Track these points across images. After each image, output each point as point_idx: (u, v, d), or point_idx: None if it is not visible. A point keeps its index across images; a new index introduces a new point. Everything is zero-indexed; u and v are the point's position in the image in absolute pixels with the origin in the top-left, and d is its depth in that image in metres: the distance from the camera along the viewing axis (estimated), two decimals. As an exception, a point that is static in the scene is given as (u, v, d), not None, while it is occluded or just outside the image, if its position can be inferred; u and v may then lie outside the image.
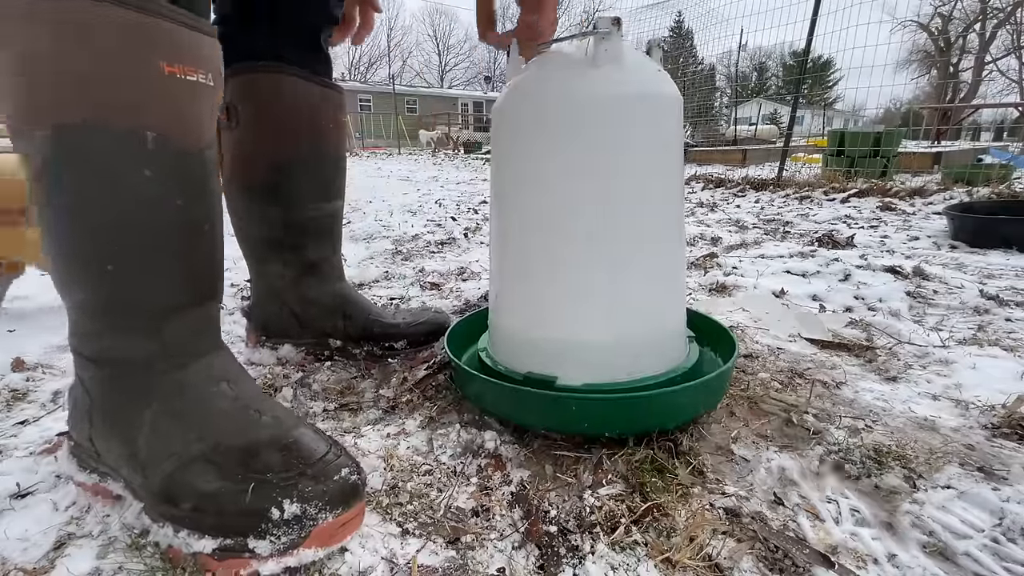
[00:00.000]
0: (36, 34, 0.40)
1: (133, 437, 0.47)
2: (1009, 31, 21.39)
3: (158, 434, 0.47)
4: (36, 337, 0.93)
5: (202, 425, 0.47)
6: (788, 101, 4.84)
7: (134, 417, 0.48)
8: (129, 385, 0.49)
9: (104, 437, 0.49)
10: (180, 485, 0.45)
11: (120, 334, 0.48)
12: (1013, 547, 0.46)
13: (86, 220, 0.44)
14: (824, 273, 1.35)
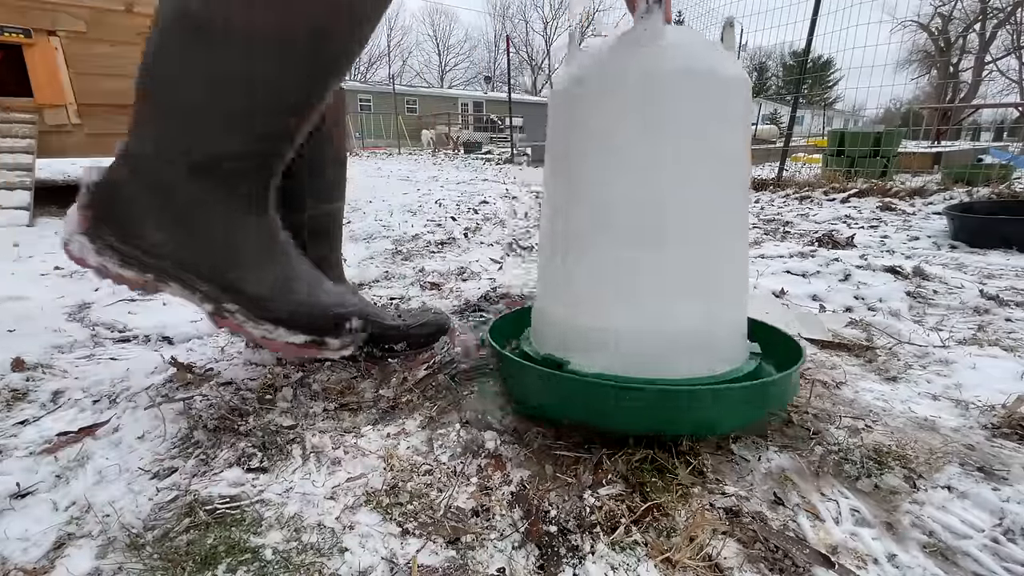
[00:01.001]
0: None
1: (227, 257, 0.60)
2: (1009, 31, 21.39)
3: (256, 260, 0.61)
4: (36, 337, 0.93)
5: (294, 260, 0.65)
6: (788, 101, 4.84)
7: (239, 227, 0.60)
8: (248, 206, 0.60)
9: (189, 248, 0.59)
10: (277, 300, 0.62)
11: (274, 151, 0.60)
12: (1013, 547, 0.46)
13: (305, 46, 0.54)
14: (824, 273, 1.35)
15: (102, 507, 0.52)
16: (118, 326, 1.01)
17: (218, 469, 0.58)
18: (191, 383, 0.77)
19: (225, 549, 0.47)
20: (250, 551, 0.46)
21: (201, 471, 0.57)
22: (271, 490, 0.55)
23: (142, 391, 0.76)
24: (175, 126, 0.56)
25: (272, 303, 0.61)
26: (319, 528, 0.50)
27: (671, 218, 0.58)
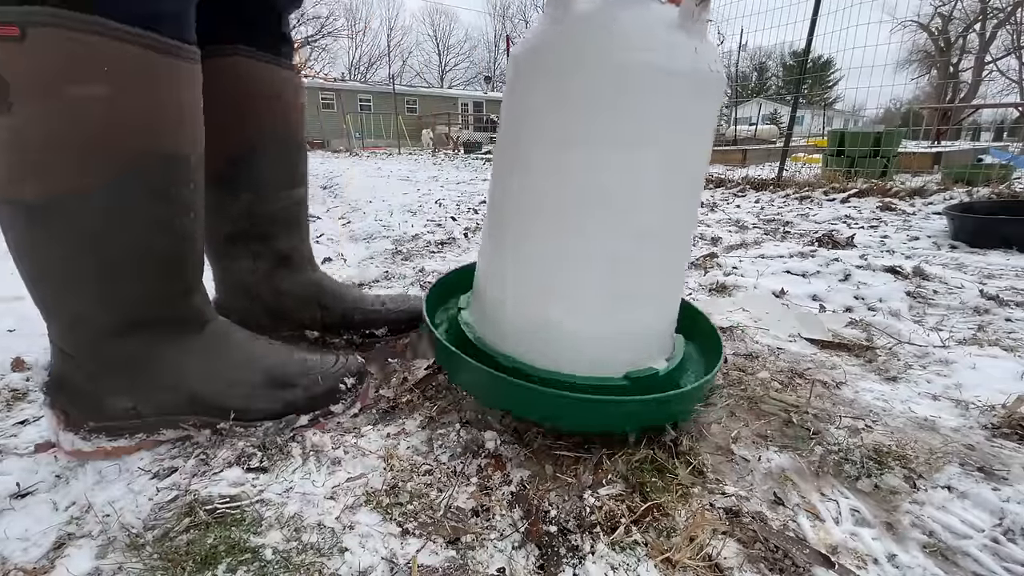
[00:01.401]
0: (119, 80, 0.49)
1: (194, 389, 0.61)
2: (1009, 31, 21.39)
3: (216, 378, 0.62)
4: (36, 337, 0.93)
5: (251, 358, 0.65)
6: (788, 101, 4.84)
7: (183, 374, 0.61)
8: (174, 352, 0.61)
9: (155, 398, 0.60)
10: (267, 399, 0.63)
11: (155, 315, 0.59)
12: (1013, 547, 0.46)
13: (142, 228, 0.54)
14: (824, 273, 1.35)
15: (102, 507, 0.52)
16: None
17: (218, 469, 0.58)
18: (191, 383, 0.77)
19: (225, 549, 0.47)
20: (250, 551, 0.46)
21: (201, 471, 0.57)
22: (271, 490, 0.55)
23: (142, 391, 0.75)
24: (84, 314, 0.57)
25: (264, 402, 0.63)
26: (319, 528, 0.50)
27: (622, 217, 0.57)
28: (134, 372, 0.59)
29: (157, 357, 0.60)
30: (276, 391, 0.64)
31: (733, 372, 0.80)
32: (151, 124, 0.52)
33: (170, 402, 0.61)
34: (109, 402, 0.59)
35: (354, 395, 0.68)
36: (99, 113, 0.49)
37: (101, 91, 0.48)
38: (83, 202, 0.51)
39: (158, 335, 0.60)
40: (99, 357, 0.58)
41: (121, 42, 0.48)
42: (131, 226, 0.54)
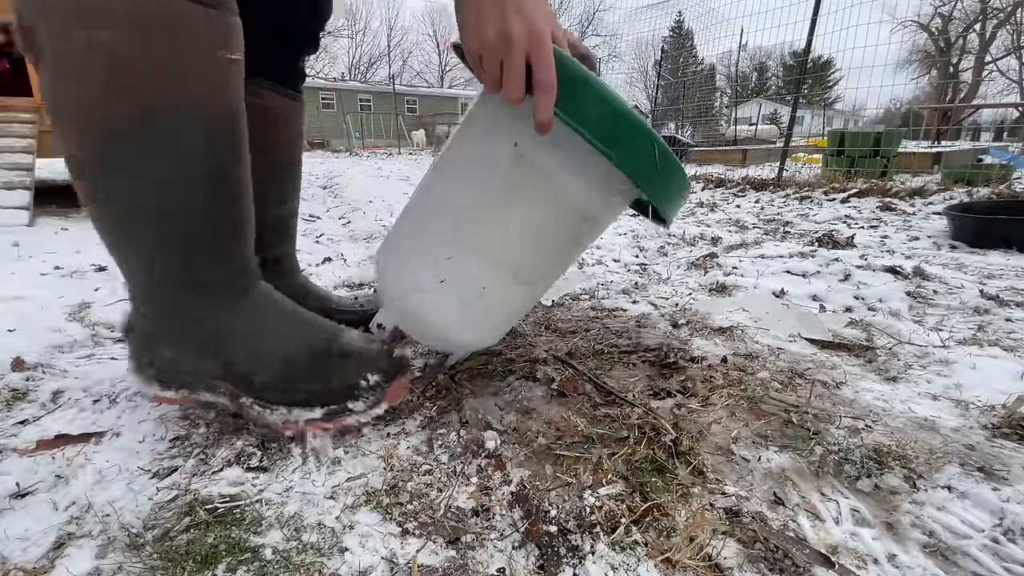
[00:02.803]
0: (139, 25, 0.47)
1: (223, 354, 0.60)
2: (1009, 31, 21.39)
3: (245, 351, 0.60)
4: (36, 337, 0.93)
5: (279, 337, 0.61)
6: (788, 101, 4.85)
7: (219, 340, 0.60)
8: (210, 315, 0.59)
9: (193, 358, 0.60)
10: (285, 381, 0.59)
11: (191, 276, 0.58)
12: (1013, 547, 0.46)
13: (165, 184, 0.53)
14: (824, 273, 1.35)
15: (102, 507, 0.52)
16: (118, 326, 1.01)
17: (218, 468, 0.58)
18: (191, 383, 0.77)
19: (225, 548, 0.47)
20: (250, 550, 0.46)
21: (201, 470, 0.57)
22: (271, 489, 0.55)
23: (142, 391, 0.76)
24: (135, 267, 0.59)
25: (281, 386, 0.60)
26: (319, 528, 0.50)
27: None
28: (177, 325, 0.60)
29: (196, 315, 0.60)
30: (295, 373, 0.60)
31: (733, 372, 0.80)
32: (173, 68, 0.50)
33: (207, 364, 0.61)
34: (157, 350, 0.61)
35: (379, 393, 0.61)
36: (117, 59, 0.48)
37: (118, 35, 0.47)
38: (110, 155, 0.51)
39: (199, 293, 0.59)
40: (149, 303, 0.60)
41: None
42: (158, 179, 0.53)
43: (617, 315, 1.07)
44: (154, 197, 0.53)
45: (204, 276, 0.59)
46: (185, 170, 0.53)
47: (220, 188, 0.57)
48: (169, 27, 0.48)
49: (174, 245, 0.56)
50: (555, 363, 0.83)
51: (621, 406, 0.70)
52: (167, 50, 0.49)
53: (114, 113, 0.50)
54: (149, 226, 0.55)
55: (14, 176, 2.26)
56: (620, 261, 1.57)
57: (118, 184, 0.53)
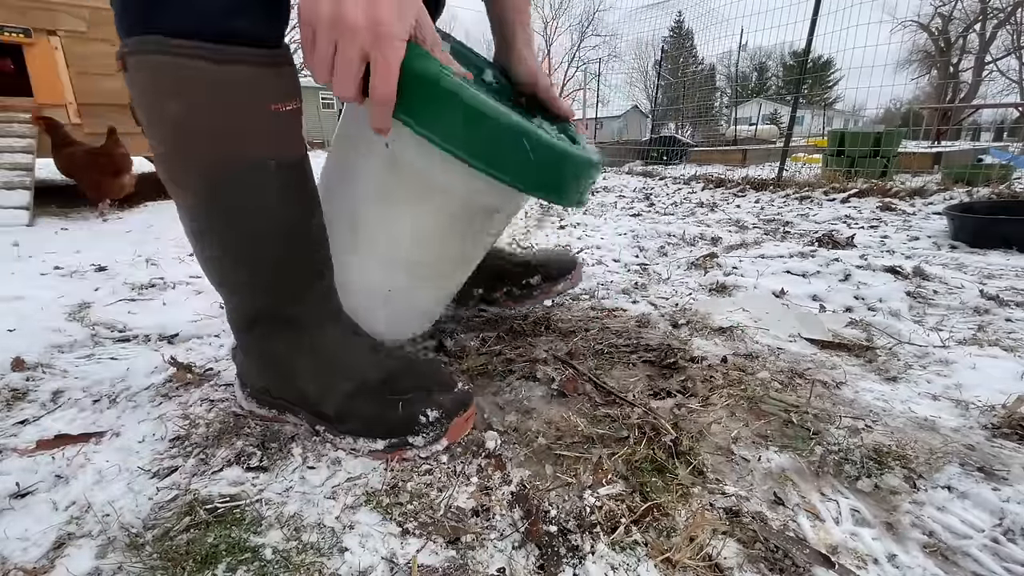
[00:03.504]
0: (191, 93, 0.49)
1: (300, 386, 0.63)
2: (1009, 31, 21.39)
3: (318, 382, 0.62)
4: (36, 337, 0.93)
5: (350, 369, 0.63)
6: (788, 101, 4.84)
7: (297, 372, 0.63)
8: (287, 349, 0.63)
9: (278, 386, 0.64)
10: (350, 411, 0.61)
11: (271, 314, 0.62)
12: (1013, 547, 0.46)
13: (238, 235, 0.57)
14: (824, 273, 1.35)
15: (102, 507, 0.52)
16: (118, 326, 1.01)
17: (218, 468, 0.58)
18: (191, 383, 0.77)
19: (225, 548, 0.47)
20: (250, 550, 0.46)
21: (201, 470, 0.57)
22: (271, 489, 0.55)
23: (142, 391, 0.76)
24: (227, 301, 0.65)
25: (346, 415, 0.61)
26: (319, 527, 0.50)
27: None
28: (262, 359, 0.64)
29: (276, 352, 0.63)
30: (360, 406, 0.61)
31: (733, 372, 0.80)
32: (229, 130, 0.52)
33: (291, 393, 0.64)
34: (251, 373, 0.66)
35: (439, 429, 0.60)
36: (183, 128, 0.51)
37: (179, 107, 0.50)
38: (192, 209, 0.56)
39: (279, 331, 0.63)
40: (239, 339, 0.66)
41: (184, 58, 0.48)
42: (231, 231, 0.56)
43: (617, 315, 1.07)
44: (234, 247, 0.57)
45: (285, 313, 0.62)
46: (258, 221, 0.56)
47: (293, 234, 0.59)
48: (218, 91, 0.50)
49: (258, 287, 0.60)
50: (555, 363, 0.83)
51: (621, 406, 0.70)
52: (221, 114, 0.51)
53: (188, 177, 0.54)
54: (235, 271, 0.60)
55: (14, 176, 2.26)
56: (620, 261, 1.57)
57: (207, 237, 0.58)
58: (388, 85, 0.46)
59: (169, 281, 1.32)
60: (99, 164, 2.40)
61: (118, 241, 1.87)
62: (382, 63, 0.45)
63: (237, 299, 0.62)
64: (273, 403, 0.66)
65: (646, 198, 3.34)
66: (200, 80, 0.48)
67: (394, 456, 0.59)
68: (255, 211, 0.55)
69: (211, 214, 0.56)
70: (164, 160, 0.55)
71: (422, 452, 0.60)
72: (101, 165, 2.40)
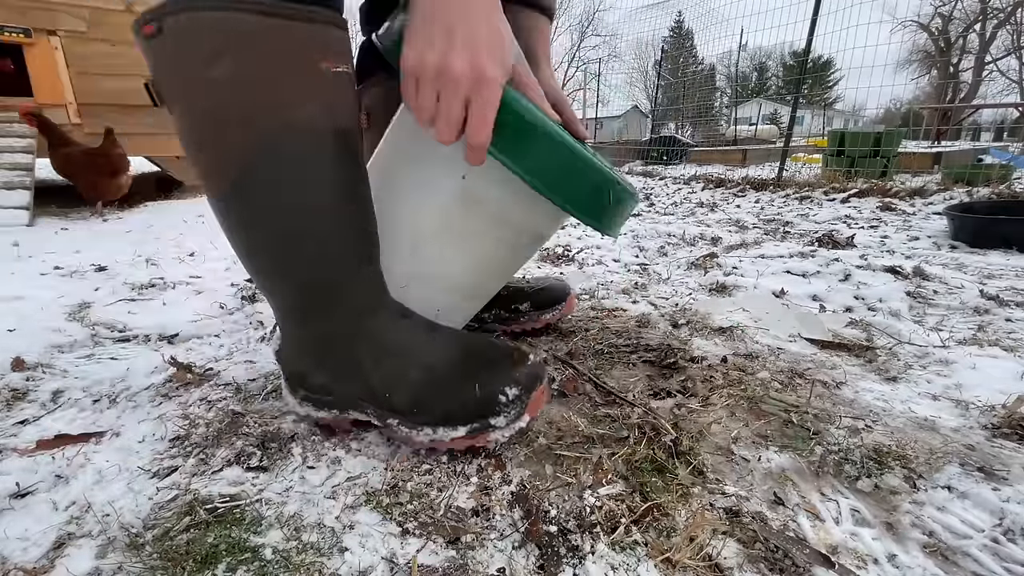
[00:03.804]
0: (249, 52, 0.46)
1: (364, 377, 0.58)
2: (1009, 31, 21.39)
3: (383, 372, 0.58)
4: (36, 337, 0.93)
5: (413, 355, 0.59)
6: (788, 101, 4.84)
7: (358, 362, 0.59)
8: (343, 338, 0.59)
9: (340, 381, 0.60)
10: (425, 400, 0.57)
11: (323, 300, 0.57)
12: (1013, 547, 0.46)
13: (287, 210, 0.52)
14: (824, 273, 1.35)
15: (102, 507, 0.52)
16: (118, 326, 1.01)
17: (218, 468, 0.58)
18: (191, 383, 0.77)
19: (225, 548, 0.47)
20: (250, 550, 0.46)
21: (201, 470, 0.57)
22: (271, 489, 0.55)
23: (142, 391, 0.76)
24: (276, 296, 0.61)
25: (422, 405, 0.57)
26: (319, 527, 0.50)
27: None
28: (321, 353, 0.60)
29: (335, 340, 0.60)
30: (434, 394, 0.57)
31: (733, 372, 0.80)
32: (282, 94, 0.48)
33: (351, 387, 0.60)
34: (309, 374, 0.61)
35: (519, 407, 0.57)
36: (229, 93, 0.47)
37: (227, 69, 0.46)
38: (237, 188, 0.51)
39: (335, 317, 0.59)
40: (292, 336, 0.62)
41: (241, 12, 0.45)
42: (280, 206, 0.52)
43: (617, 315, 1.07)
44: (281, 226, 0.53)
45: (337, 300, 0.58)
46: (301, 194, 0.52)
47: (338, 211, 0.55)
48: (273, 48, 0.47)
49: (309, 272, 0.56)
50: (555, 363, 0.83)
51: (621, 406, 0.70)
52: (277, 73, 0.48)
53: (232, 152, 0.50)
54: (283, 257, 0.55)
55: (14, 176, 2.26)
56: (620, 261, 1.57)
57: (252, 221, 0.54)
58: (485, 130, 0.48)
59: (169, 281, 1.32)
60: (96, 164, 2.40)
61: (118, 241, 1.87)
62: (479, 109, 0.47)
63: (289, 285, 0.58)
64: (335, 403, 0.61)
65: (646, 198, 3.34)
66: (250, 35, 0.46)
67: (478, 440, 0.57)
68: (305, 181, 0.52)
69: (262, 187, 0.51)
70: (207, 135, 0.50)
71: (506, 432, 0.57)
72: (98, 165, 2.40)
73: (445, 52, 0.45)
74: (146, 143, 3.02)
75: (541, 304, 0.95)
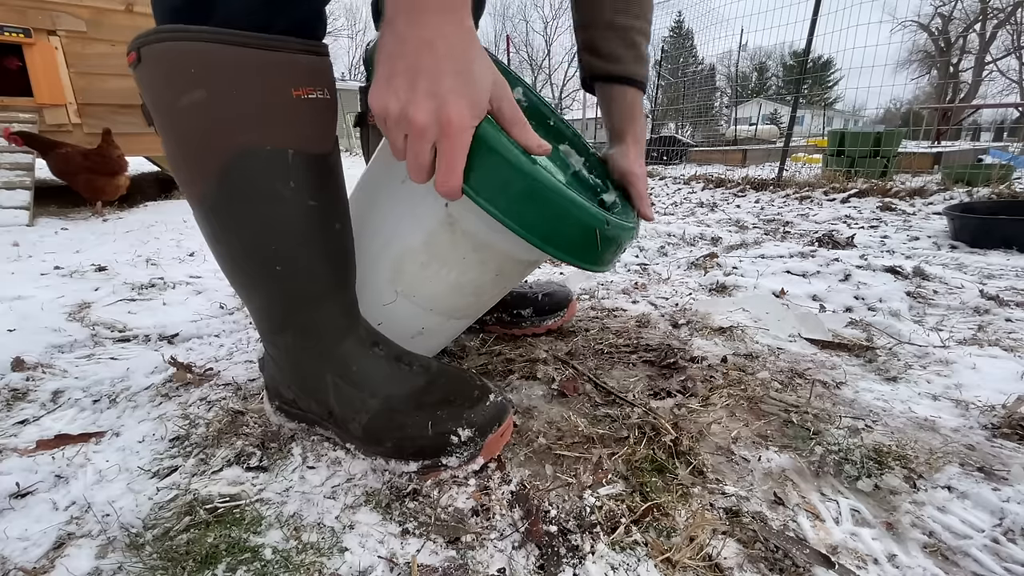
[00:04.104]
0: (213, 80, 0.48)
1: (325, 400, 0.60)
2: (1009, 31, 21.40)
3: (342, 398, 0.59)
4: (36, 337, 0.93)
5: (373, 385, 0.59)
6: (788, 101, 4.84)
7: (321, 385, 0.60)
8: (309, 359, 0.60)
9: (305, 399, 0.62)
10: (376, 431, 0.57)
11: (291, 320, 0.58)
12: (1013, 547, 0.46)
13: (253, 230, 0.53)
14: (824, 273, 1.35)
15: (102, 507, 0.52)
16: (118, 326, 1.01)
17: (218, 468, 0.58)
18: (191, 383, 0.77)
19: (225, 548, 0.47)
20: (250, 550, 0.46)
21: (201, 470, 0.57)
22: (271, 489, 0.55)
23: (142, 391, 0.76)
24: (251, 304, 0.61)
25: (373, 436, 0.58)
26: (319, 527, 0.50)
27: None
28: (290, 369, 0.61)
29: (300, 362, 0.60)
30: (386, 427, 0.57)
31: (733, 372, 0.80)
32: (244, 120, 0.49)
33: (317, 407, 0.61)
34: (282, 389, 0.64)
35: (473, 448, 0.56)
36: (197, 120, 0.49)
37: (197, 97, 0.48)
38: (208, 205, 0.53)
39: (299, 340, 0.59)
40: (267, 346, 0.64)
41: (207, 43, 0.47)
42: (246, 225, 0.53)
43: (617, 315, 1.07)
44: (247, 244, 0.54)
45: (304, 322, 0.58)
46: (266, 216, 0.53)
47: (306, 235, 0.55)
48: (236, 76, 0.48)
49: (277, 291, 0.57)
50: (555, 363, 0.83)
51: (621, 406, 0.70)
52: (239, 99, 0.48)
53: (205, 169, 0.51)
54: (254, 271, 0.56)
55: (14, 176, 2.26)
56: (620, 261, 1.57)
57: (222, 236, 0.55)
58: (453, 177, 0.46)
59: (169, 281, 1.32)
60: (94, 165, 2.40)
61: (118, 241, 1.87)
62: (446, 156, 0.45)
63: (259, 301, 0.58)
64: (304, 416, 0.63)
65: (646, 198, 3.33)
66: (220, 66, 0.47)
67: (427, 477, 0.56)
68: (270, 202, 0.52)
69: (228, 206, 0.52)
70: (180, 157, 0.52)
71: (458, 472, 0.57)
72: (96, 166, 2.40)
73: (407, 102, 0.43)
74: (146, 143, 3.02)
75: (543, 310, 0.95)
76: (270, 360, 0.64)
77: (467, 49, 0.44)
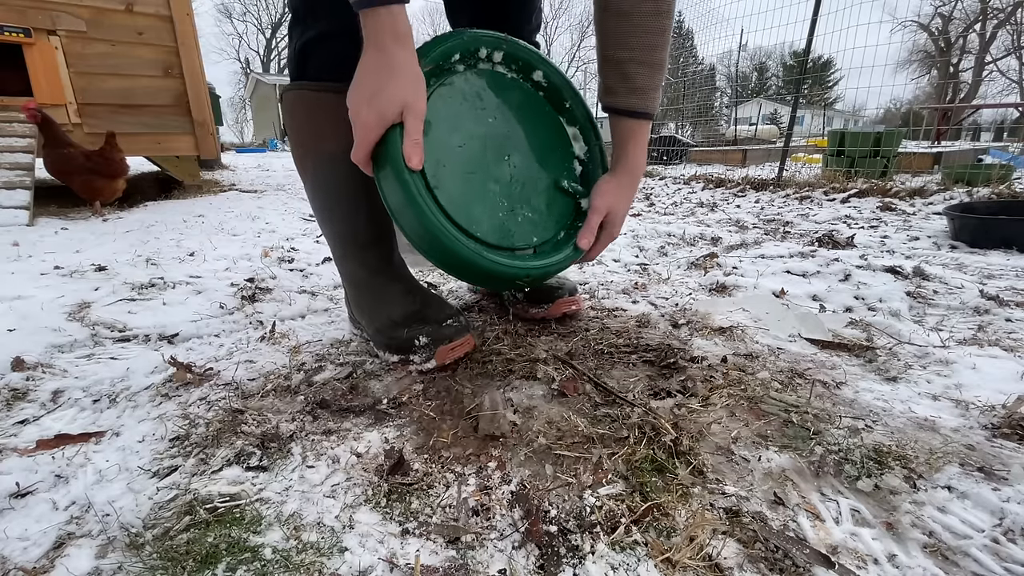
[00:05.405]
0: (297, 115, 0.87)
1: (362, 310, 0.91)
2: (1009, 31, 21.40)
3: (364, 311, 0.90)
4: (36, 337, 0.93)
5: (386, 306, 0.87)
6: (788, 101, 4.84)
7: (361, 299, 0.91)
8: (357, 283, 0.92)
9: (355, 309, 0.94)
10: (378, 335, 0.86)
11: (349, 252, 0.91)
12: (1013, 547, 0.46)
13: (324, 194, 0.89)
14: (824, 273, 1.35)
15: (102, 506, 0.52)
16: (118, 326, 1.01)
17: (217, 468, 0.58)
18: (191, 383, 0.77)
19: (225, 548, 0.47)
20: (250, 550, 0.46)
21: (201, 470, 0.57)
22: (271, 488, 0.55)
23: (142, 391, 0.76)
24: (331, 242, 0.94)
25: (379, 337, 0.86)
26: (319, 527, 0.50)
27: None
28: (351, 288, 0.93)
29: (356, 289, 0.91)
30: (383, 333, 0.85)
31: (733, 372, 0.80)
32: (320, 135, 0.84)
33: (356, 312, 0.93)
34: (352, 311, 0.96)
35: (429, 352, 0.80)
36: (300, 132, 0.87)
37: (299, 119, 0.86)
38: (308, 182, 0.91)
39: (356, 272, 0.90)
40: (340, 274, 0.96)
41: (303, 90, 0.83)
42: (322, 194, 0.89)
43: (617, 315, 1.07)
44: (322, 204, 0.90)
45: (353, 258, 0.90)
46: (330, 189, 0.87)
47: (350, 202, 0.87)
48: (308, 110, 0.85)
49: (338, 236, 0.90)
50: (555, 363, 0.83)
51: (621, 406, 0.70)
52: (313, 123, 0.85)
53: (306, 161, 0.88)
54: (325, 224, 0.92)
55: (14, 176, 2.26)
56: (620, 261, 1.57)
57: (311, 197, 0.92)
58: (356, 154, 0.69)
59: (169, 281, 1.32)
60: (96, 166, 2.40)
61: (118, 241, 1.87)
62: (356, 140, 0.68)
63: (330, 243, 0.93)
64: (355, 321, 0.96)
65: (646, 198, 3.34)
66: (308, 101, 0.84)
67: (405, 368, 0.82)
68: (332, 183, 0.86)
69: (312, 183, 0.89)
70: (293, 152, 0.90)
71: (421, 367, 0.80)
72: (98, 167, 2.41)
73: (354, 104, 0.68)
74: (146, 143, 3.02)
75: (535, 299, 1.01)
76: (343, 284, 0.97)
77: (388, 79, 0.65)
